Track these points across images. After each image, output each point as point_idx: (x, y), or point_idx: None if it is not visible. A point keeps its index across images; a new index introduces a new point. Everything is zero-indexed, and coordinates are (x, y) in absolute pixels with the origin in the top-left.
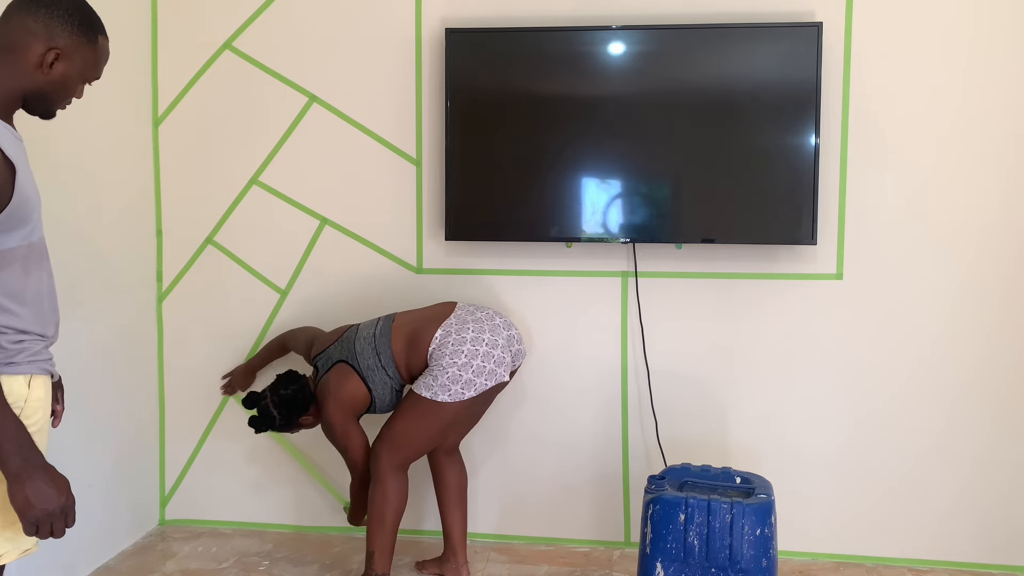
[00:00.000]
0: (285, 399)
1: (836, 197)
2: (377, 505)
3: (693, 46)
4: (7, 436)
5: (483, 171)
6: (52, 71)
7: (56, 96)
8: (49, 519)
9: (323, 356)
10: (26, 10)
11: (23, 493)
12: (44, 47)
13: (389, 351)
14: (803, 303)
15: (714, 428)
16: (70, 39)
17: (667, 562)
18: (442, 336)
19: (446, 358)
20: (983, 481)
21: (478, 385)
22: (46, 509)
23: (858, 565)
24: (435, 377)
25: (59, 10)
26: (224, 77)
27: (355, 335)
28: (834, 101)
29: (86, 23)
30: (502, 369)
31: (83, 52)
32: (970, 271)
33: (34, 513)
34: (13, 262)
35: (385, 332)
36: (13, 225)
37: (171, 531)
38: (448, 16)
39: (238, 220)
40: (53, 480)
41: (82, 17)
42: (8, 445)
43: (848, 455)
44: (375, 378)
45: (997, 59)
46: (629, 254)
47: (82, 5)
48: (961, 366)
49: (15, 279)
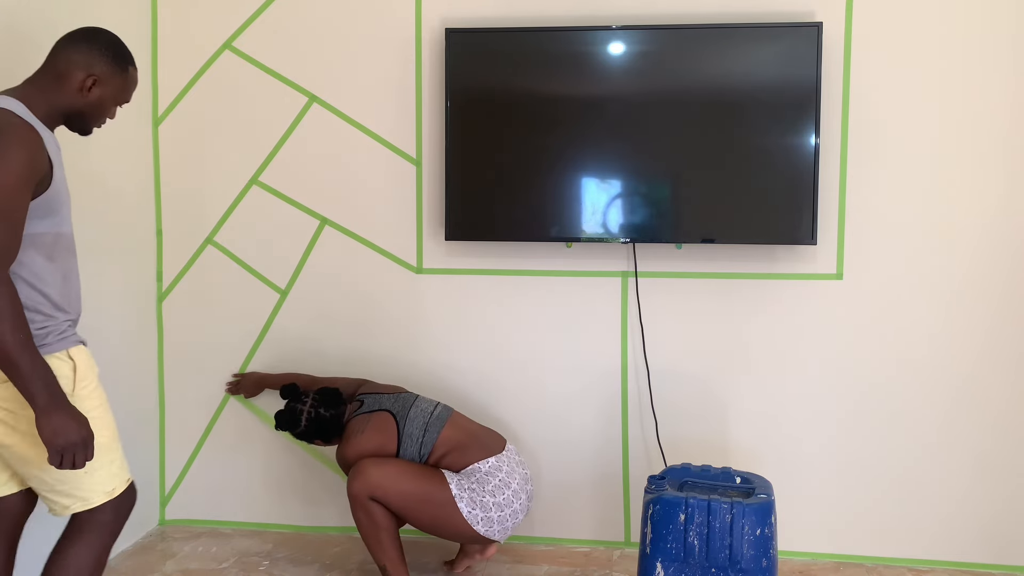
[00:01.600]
0: (319, 419)
1: (836, 197)
2: (365, 525)
3: (693, 46)
4: (36, 376)
5: (483, 171)
6: (90, 94)
7: (92, 115)
8: (72, 449)
9: (374, 397)
10: (71, 44)
11: (50, 426)
12: (84, 74)
13: (436, 436)
14: (803, 303)
15: (714, 428)
16: (105, 68)
17: (667, 562)
18: (493, 467)
19: (489, 486)
20: (983, 481)
21: (491, 529)
22: (69, 440)
23: (858, 565)
24: (472, 490)
25: (97, 44)
26: (224, 77)
27: (413, 401)
28: (834, 101)
29: (119, 56)
30: (507, 531)
31: (116, 79)
32: (970, 270)
33: (58, 443)
34: (41, 247)
35: (441, 419)
36: (44, 213)
37: (171, 531)
38: (448, 16)
39: (238, 220)
40: (75, 416)
41: (115, 51)
42: (37, 384)
43: (848, 455)
44: (408, 447)
45: (997, 58)
46: (629, 254)
47: (116, 41)
48: (961, 365)
49: (40, 263)
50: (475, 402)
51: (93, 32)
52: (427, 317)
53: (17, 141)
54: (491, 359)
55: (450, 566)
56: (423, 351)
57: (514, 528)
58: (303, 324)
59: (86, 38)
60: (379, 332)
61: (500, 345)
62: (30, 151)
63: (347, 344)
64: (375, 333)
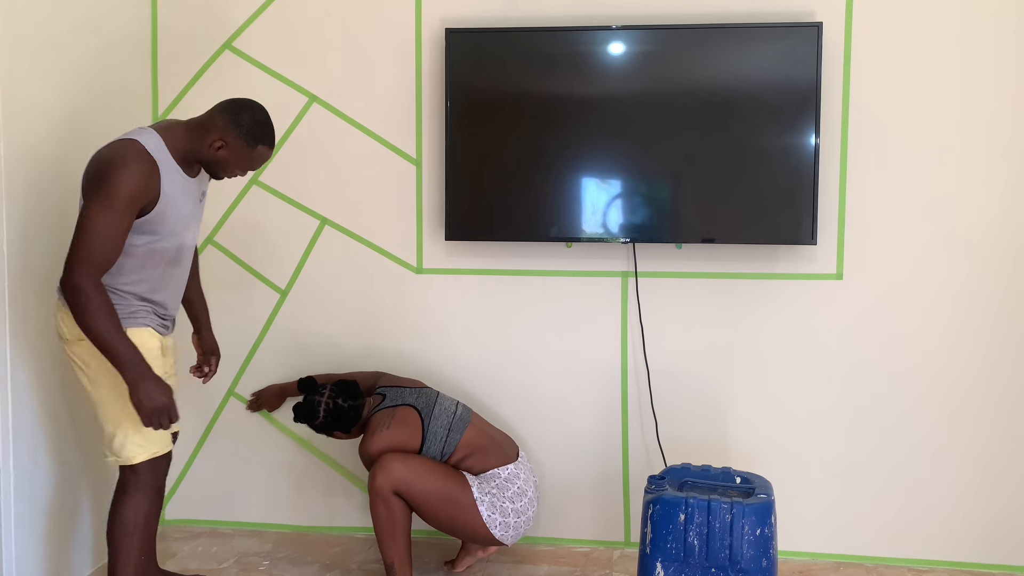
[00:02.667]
0: (338, 409)
1: (836, 197)
2: (383, 519)
3: (693, 46)
4: (125, 358)
5: (483, 171)
6: (217, 153)
7: (216, 169)
8: (158, 414)
9: (396, 391)
10: (221, 110)
11: (137, 395)
12: (217, 136)
13: (459, 437)
14: (803, 303)
15: (714, 428)
16: (236, 139)
17: (667, 562)
18: (512, 474)
19: (509, 493)
20: (984, 481)
21: (506, 534)
22: (155, 406)
23: (858, 565)
24: (493, 495)
25: (238, 118)
26: (224, 77)
27: (435, 399)
28: (834, 101)
29: (253, 133)
30: (517, 537)
31: (242, 151)
32: (971, 270)
33: (146, 409)
34: (136, 256)
35: (464, 420)
36: (144, 231)
37: (171, 531)
38: (448, 16)
39: (238, 220)
40: (159, 385)
41: (252, 127)
42: (125, 363)
43: (848, 455)
44: (432, 444)
45: (997, 58)
46: (629, 254)
47: (260, 120)
48: (962, 365)
49: (135, 266)
50: (475, 402)
51: (245, 104)
52: (427, 317)
53: (132, 170)
54: (491, 359)
55: (451, 565)
56: (423, 351)
57: (522, 533)
58: (303, 324)
59: (235, 108)
60: (379, 332)
61: (500, 345)
62: (140, 179)
63: (347, 344)
64: (375, 333)
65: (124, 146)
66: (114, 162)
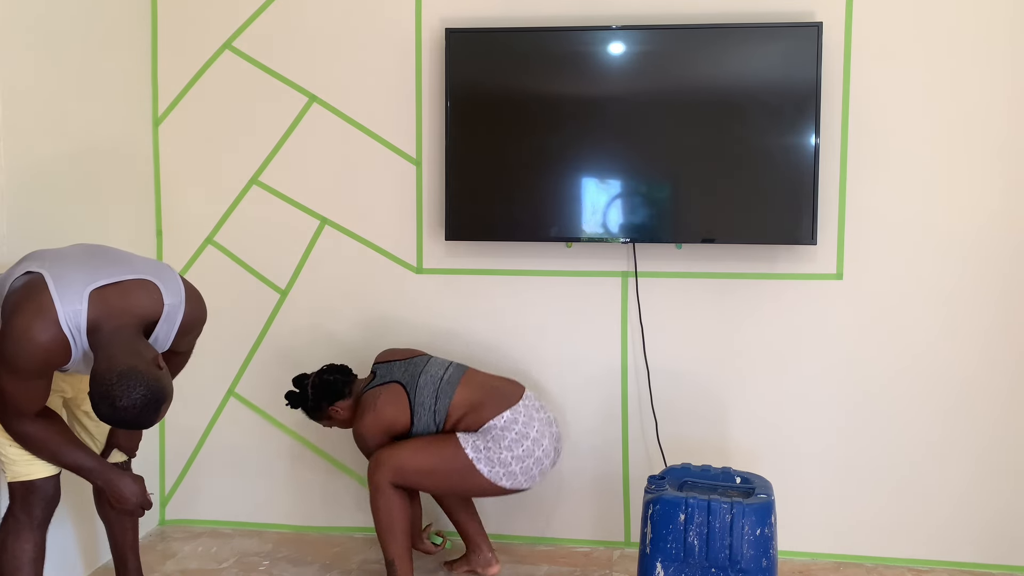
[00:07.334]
0: (323, 383)
1: (836, 197)
2: (384, 514)
3: (693, 46)
4: (84, 465)
5: (483, 171)
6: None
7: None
8: (130, 507)
9: (385, 367)
10: (94, 383)
11: (115, 494)
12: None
13: (448, 401)
14: (803, 303)
15: (714, 428)
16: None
17: (667, 562)
18: (508, 420)
19: (506, 441)
20: (983, 481)
21: (516, 481)
22: (124, 506)
23: (858, 565)
24: (488, 449)
25: (95, 403)
26: (224, 77)
27: (423, 368)
28: (834, 101)
29: (100, 415)
30: (535, 479)
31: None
32: (970, 270)
33: (130, 504)
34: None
35: (452, 382)
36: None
37: (171, 531)
38: (448, 16)
39: (238, 220)
40: (127, 477)
41: (99, 414)
42: (87, 470)
43: (848, 455)
44: (422, 416)
45: (997, 58)
46: (629, 254)
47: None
48: (961, 365)
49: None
50: None
51: (114, 393)
52: (427, 317)
53: (36, 347)
54: (491, 359)
55: (450, 566)
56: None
57: (543, 474)
58: (303, 324)
59: (101, 390)
60: (379, 332)
61: (500, 345)
62: (46, 357)
63: (347, 344)
64: (375, 333)
65: (34, 315)
66: (19, 332)
